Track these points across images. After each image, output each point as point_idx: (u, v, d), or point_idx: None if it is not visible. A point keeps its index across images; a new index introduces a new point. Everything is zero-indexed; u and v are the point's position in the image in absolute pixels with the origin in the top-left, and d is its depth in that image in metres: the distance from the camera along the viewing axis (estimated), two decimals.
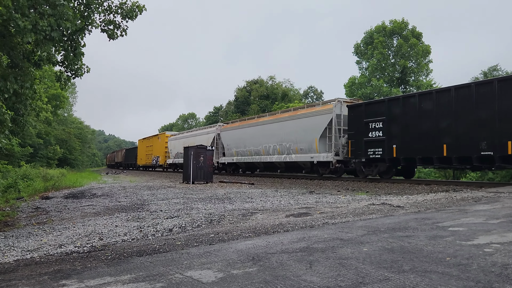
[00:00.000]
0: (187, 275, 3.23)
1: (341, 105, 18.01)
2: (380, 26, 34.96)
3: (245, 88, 61.94)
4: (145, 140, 48.35)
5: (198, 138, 30.52)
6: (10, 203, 12.52)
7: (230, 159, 26.37)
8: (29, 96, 9.91)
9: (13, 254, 5.21)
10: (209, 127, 31.92)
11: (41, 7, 7.86)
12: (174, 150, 35.99)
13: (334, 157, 17.49)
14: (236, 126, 26.39)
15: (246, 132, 24.66)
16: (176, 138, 37.05)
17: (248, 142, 24.15)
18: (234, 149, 25.70)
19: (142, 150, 48.90)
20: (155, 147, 42.04)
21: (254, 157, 23.54)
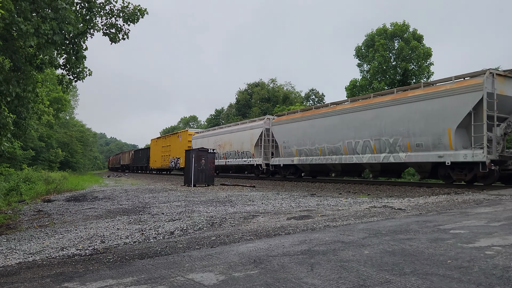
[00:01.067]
0: (188, 277, 3.24)
1: (494, 79, 12.13)
2: (381, 29, 35.00)
3: (246, 91, 62.06)
4: (160, 139, 42.53)
5: (238, 135, 25.77)
6: (12, 206, 12.55)
7: (289, 160, 20.55)
8: (31, 99, 9.96)
9: (15, 257, 5.22)
10: (252, 121, 25.78)
11: (44, 11, 7.91)
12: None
13: (486, 155, 11.70)
14: (297, 118, 20.37)
15: (315, 124, 18.73)
16: (204, 136, 31.08)
17: (318, 137, 18.36)
18: (295, 147, 19.86)
19: (156, 151, 42.65)
20: (174, 147, 35.87)
21: (329, 157, 17.80)
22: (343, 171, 18.29)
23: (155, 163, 42.42)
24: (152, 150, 45.09)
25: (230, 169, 28.09)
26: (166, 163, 38.14)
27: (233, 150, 26.30)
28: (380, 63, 33.75)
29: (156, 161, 42.12)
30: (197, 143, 31.38)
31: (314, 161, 18.85)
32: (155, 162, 42.45)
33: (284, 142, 21.02)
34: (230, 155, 26.71)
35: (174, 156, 36.24)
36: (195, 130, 35.56)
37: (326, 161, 18.09)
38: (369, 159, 15.68)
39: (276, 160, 22.07)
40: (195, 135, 33.04)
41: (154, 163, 43.28)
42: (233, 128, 27.53)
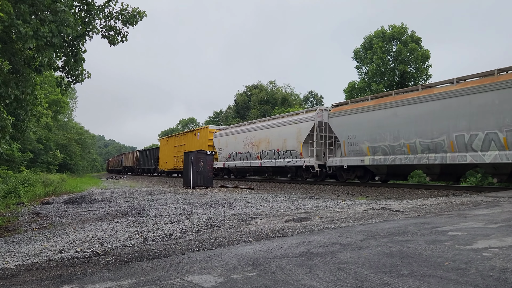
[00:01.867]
0: (187, 279, 3.25)
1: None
2: (379, 31, 35.13)
3: (245, 93, 62.15)
4: (172, 138, 37.99)
5: (278, 131, 21.36)
6: (10, 208, 12.53)
7: (356, 160, 16.39)
8: (30, 101, 9.97)
9: (14, 259, 5.22)
10: (296, 113, 21.77)
11: (43, 14, 7.93)
12: (227, 150, 26.43)
13: None
14: (369, 106, 15.92)
15: (398, 113, 14.60)
16: (230, 133, 26.55)
17: (404, 130, 14.28)
18: (367, 144, 15.76)
19: (167, 151, 38.15)
20: (191, 146, 31.42)
21: (423, 156, 13.71)
22: (442, 173, 14.12)
23: (166, 165, 38.33)
24: (162, 151, 40.57)
25: (266, 171, 23.75)
26: (179, 164, 33.45)
27: (271, 149, 21.84)
28: (379, 65, 33.85)
29: (167, 163, 38.02)
30: (220, 141, 27.48)
31: (398, 161, 14.49)
32: (166, 164, 38.38)
33: (349, 138, 16.59)
34: (267, 155, 22.22)
35: None
36: (217, 127, 31.46)
37: (418, 161, 13.86)
38: (495, 158, 11.71)
39: (337, 160, 17.55)
40: (218, 133, 28.61)
41: (164, 164, 39.13)
42: (271, 122, 22.66)
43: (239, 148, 25.05)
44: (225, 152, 26.71)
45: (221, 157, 27.27)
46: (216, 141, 28.10)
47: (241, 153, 24.84)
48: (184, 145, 33.46)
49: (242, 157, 24.90)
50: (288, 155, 20.62)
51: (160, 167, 40.63)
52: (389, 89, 31.63)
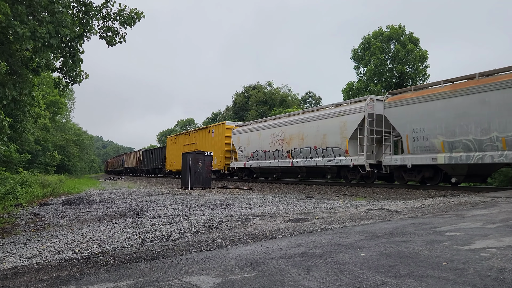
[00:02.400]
0: (185, 280, 3.24)
1: None
2: (377, 32, 35.19)
3: (243, 94, 62.19)
4: (181, 136, 35.03)
5: (316, 125, 18.33)
6: (8, 209, 12.50)
7: (426, 158, 13.66)
8: (27, 102, 9.96)
9: (12, 261, 5.21)
10: (338, 105, 18.45)
11: (40, 14, 7.92)
12: (249, 148, 23.48)
13: None
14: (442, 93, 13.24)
15: (489, 100, 11.83)
16: (253, 129, 23.47)
17: (499, 121, 11.58)
18: (441, 138, 13.11)
19: (175, 150, 34.85)
20: (204, 144, 28.76)
21: None
22: None
23: (174, 165, 35.15)
24: (169, 150, 37.39)
25: (298, 172, 20.92)
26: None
27: (306, 146, 18.88)
28: (377, 66, 33.91)
29: (175, 163, 34.71)
30: (240, 139, 24.53)
31: (489, 160, 11.78)
32: (174, 164, 35.17)
33: (415, 132, 13.95)
34: (301, 153, 19.22)
35: None
36: (235, 123, 28.12)
37: None
38: None
39: (397, 159, 14.71)
40: (237, 129, 25.65)
41: (172, 165, 36.08)
42: (306, 116, 19.58)
43: (265, 146, 22.05)
44: (247, 151, 23.66)
45: (242, 156, 24.25)
46: (235, 139, 25.23)
47: (267, 151, 21.79)
48: (196, 144, 30.57)
49: (268, 155, 21.80)
50: (328, 153, 17.50)
51: (168, 167, 37.70)
52: (387, 89, 31.68)
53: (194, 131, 33.07)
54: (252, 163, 23.34)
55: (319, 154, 18.18)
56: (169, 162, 37.42)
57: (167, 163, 38.01)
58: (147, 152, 49.51)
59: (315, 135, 18.43)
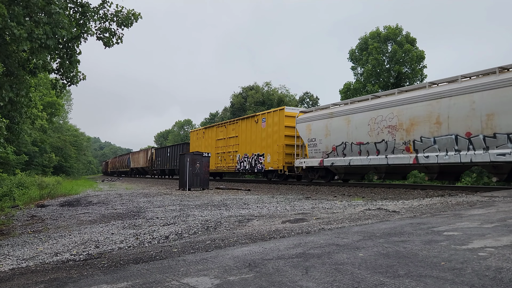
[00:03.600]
0: (183, 282, 3.23)
1: None
2: (374, 32, 35.28)
3: (241, 94, 62.18)
4: (211, 129, 29.09)
5: (466, 101, 12.26)
6: (5, 211, 12.45)
7: None
8: (24, 104, 9.92)
9: (9, 263, 5.18)
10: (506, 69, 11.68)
11: (37, 16, 7.90)
12: (328, 140, 17.41)
13: None
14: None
15: None
16: (334, 114, 17.36)
17: None
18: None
19: (203, 146, 29.68)
20: (249, 138, 23.47)
21: None
22: None
23: None
24: (194, 147, 31.66)
25: (425, 171, 14.71)
26: (227, 163, 25.52)
27: (447, 133, 12.88)
28: (374, 66, 34.00)
29: None
30: (312, 128, 18.42)
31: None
32: None
33: None
34: (435, 144, 13.28)
35: (250, 153, 23.10)
36: (299, 109, 22.16)
37: None
38: None
39: None
40: (304, 116, 19.28)
41: None
42: (443, 89, 13.20)
43: (359, 136, 15.90)
44: (324, 144, 17.59)
45: (315, 151, 18.13)
46: (302, 129, 19.11)
47: (364, 143, 15.64)
48: (237, 137, 24.97)
49: (366, 149, 15.59)
50: (500, 142, 11.49)
51: None
52: (384, 90, 31.73)
53: (233, 121, 26.43)
54: (335, 161, 17.09)
55: (477, 144, 12.11)
56: None
57: None
58: (161, 150, 42.57)
59: (468, 115, 12.30)
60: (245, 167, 23.91)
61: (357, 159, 16.04)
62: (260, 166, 22.50)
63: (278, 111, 21.77)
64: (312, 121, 18.67)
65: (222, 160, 26.88)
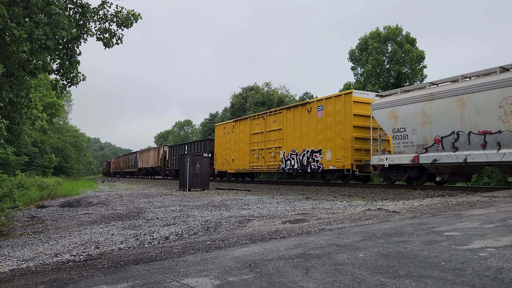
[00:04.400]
0: (184, 282, 3.23)
1: None
2: (374, 33, 35.27)
3: (241, 95, 62.20)
4: (244, 122, 24.72)
5: None
6: (5, 212, 12.45)
7: None
8: (24, 104, 9.93)
9: (9, 263, 5.18)
10: None
11: (37, 16, 7.90)
12: (425, 129, 13.63)
13: None
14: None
15: None
16: (434, 95, 13.27)
17: None
18: None
19: (232, 142, 25.68)
20: (297, 131, 19.49)
21: None
22: None
23: (230, 164, 25.60)
24: (220, 143, 27.50)
25: None
26: (268, 162, 21.43)
27: None
28: (374, 66, 33.99)
29: (233, 160, 25.23)
30: (399, 115, 14.46)
31: None
32: (230, 163, 25.60)
33: None
34: None
35: (300, 149, 19.14)
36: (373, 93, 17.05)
37: None
38: None
39: None
40: (384, 101, 15.20)
41: (225, 164, 26.43)
42: None
43: (482, 122, 11.98)
44: (422, 134, 13.75)
45: (405, 144, 14.29)
46: (384, 116, 15.07)
47: (494, 132, 11.70)
48: (280, 130, 20.96)
49: (496, 140, 11.63)
50: None
51: (217, 167, 27.59)
52: (384, 90, 31.75)
53: (273, 112, 21.92)
54: (440, 157, 13.17)
55: None
56: (220, 159, 27.20)
57: (217, 161, 27.66)
58: (178, 148, 36.82)
59: None
60: (293, 166, 19.72)
61: (481, 155, 11.97)
62: (315, 165, 18.23)
63: (342, 96, 17.26)
64: (398, 106, 14.49)
65: (259, 158, 22.43)
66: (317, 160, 18.17)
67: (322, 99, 18.33)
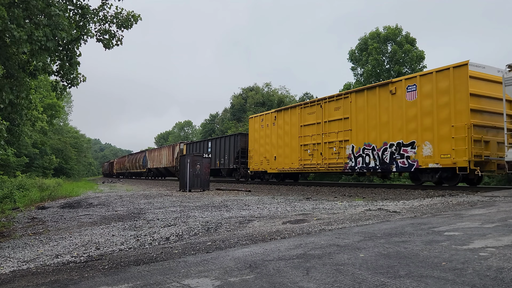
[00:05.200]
0: (184, 283, 3.23)
1: None
2: (374, 33, 35.27)
3: (241, 95, 62.25)
4: (289, 111, 20.67)
5: None
6: (5, 213, 12.45)
7: None
8: (24, 106, 9.94)
9: (9, 265, 5.18)
10: None
11: (37, 18, 7.91)
12: None
13: None
14: None
15: None
16: None
17: None
18: None
19: (274, 136, 21.52)
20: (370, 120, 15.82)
21: None
22: None
23: (274, 162, 21.23)
24: (256, 138, 23.04)
25: None
26: (329, 160, 17.51)
27: None
28: (374, 66, 33.99)
29: (277, 157, 21.02)
30: None
31: None
32: (275, 160, 21.19)
33: None
34: None
35: (379, 142, 15.31)
36: (487, 68, 13.37)
37: None
38: None
39: None
40: None
41: (264, 163, 22.11)
42: None
43: None
44: None
45: None
46: None
47: None
48: (346, 120, 16.83)
49: None
50: None
51: (253, 166, 23.19)
52: None
53: (334, 97, 17.64)
54: None
55: None
56: (256, 158, 22.80)
57: (252, 160, 23.24)
58: (197, 146, 32.39)
59: None
60: (367, 164, 15.60)
61: None
62: (404, 162, 14.30)
63: (450, 69, 13.07)
64: None
65: (314, 155, 18.24)
66: (407, 156, 14.15)
67: (415, 77, 14.30)
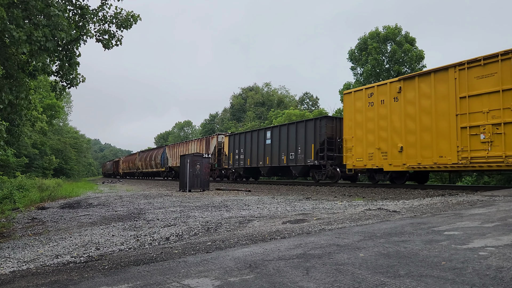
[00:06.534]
0: (184, 283, 3.23)
1: None
2: (374, 32, 35.27)
3: (240, 95, 62.29)
4: (420, 80, 13.58)
5: None
6: (5, 214, 12.45)
7: None
8: (24, 106, 9.93)
9: (9, 265, 5.18)
10: None
11: (36, 18, 7.91)
12: None
13: None
14: None
15: None
16: None
17: None
18: None
19: (394, 117, 14.65)
20: None
21: None
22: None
23: (398, 156, 14.52)
24: (358, 121, 16.41)
25: None
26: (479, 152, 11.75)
27: None
28: (373, 66, 33.99)
29: (404, 148, 14.26)
30: None
31: None
32: (400, 153, 14.41)
33: None
34: None
35: None
36: None
37: None
38: None
39: None
40: None
41: (376, 156, 15.47)
42: None
43: None
44: None
45: None
46: None
47: None
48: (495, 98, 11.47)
49: None
50: None
51: (351, 161, 16.64)
52: None
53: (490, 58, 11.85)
54: None
55: None
56: (358, 149, 16.43)
57: (351, 152, 16.76)
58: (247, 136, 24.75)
59: None
60: None
61: None
62: None
63: None
64: None
65: (495, 143, 11.62)
66: None
67: None
